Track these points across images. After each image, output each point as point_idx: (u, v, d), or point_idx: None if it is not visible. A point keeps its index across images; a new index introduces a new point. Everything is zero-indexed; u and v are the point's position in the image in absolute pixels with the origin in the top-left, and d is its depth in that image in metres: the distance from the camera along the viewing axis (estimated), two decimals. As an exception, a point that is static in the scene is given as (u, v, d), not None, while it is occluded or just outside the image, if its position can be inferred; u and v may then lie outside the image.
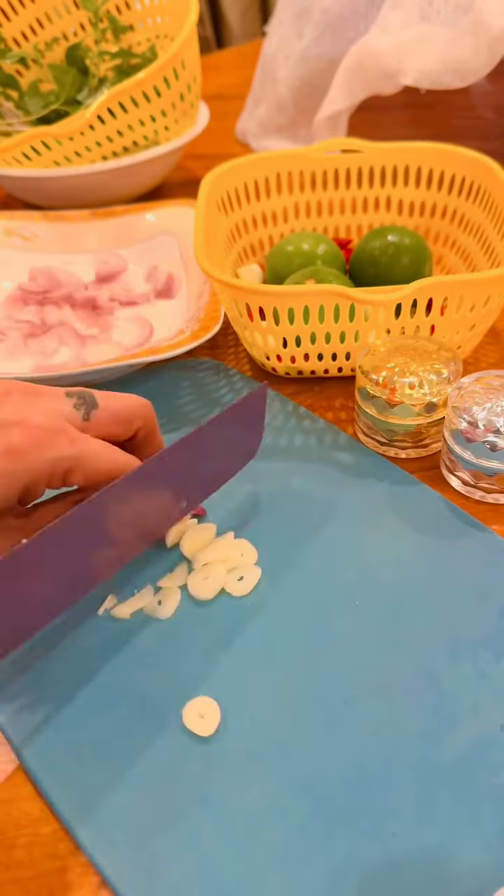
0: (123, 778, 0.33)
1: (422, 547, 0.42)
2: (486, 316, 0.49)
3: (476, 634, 0.37)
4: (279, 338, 0.49)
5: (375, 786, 0.32)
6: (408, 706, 0.35)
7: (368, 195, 0.60)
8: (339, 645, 0.37)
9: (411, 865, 0.30)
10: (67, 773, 0.33)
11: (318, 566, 0.41)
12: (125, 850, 0.30)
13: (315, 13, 0.74)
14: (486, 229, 0.55)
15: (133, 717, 0.35)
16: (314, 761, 0.33)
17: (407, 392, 0.44)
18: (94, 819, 0.31)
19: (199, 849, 0.30)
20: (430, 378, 0.44)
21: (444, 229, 0.59)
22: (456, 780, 0.32)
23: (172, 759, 0.33)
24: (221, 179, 0.56)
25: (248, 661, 0.37)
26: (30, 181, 0.68)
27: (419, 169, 0.58)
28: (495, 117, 0.90)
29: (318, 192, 0.60)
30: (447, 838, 0.30)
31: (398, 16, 0.66)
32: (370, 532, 0.42)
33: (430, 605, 0.39)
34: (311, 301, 0.46)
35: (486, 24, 0.60)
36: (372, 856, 0.30)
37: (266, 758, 0.33)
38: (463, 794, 0.32)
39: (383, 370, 0.45)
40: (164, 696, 0.35)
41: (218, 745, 0.33)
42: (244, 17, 1.80)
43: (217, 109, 0.78)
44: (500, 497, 0.44)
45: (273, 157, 0.58)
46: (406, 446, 0.47)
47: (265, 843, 0.30)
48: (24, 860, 0.31)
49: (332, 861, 0.30)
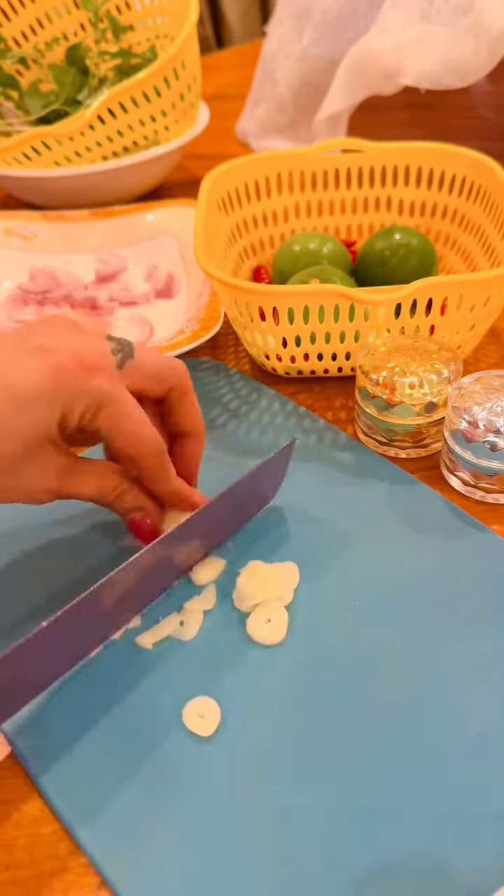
0: (123, 778, 0.32)
1: (422, 547, 0.42)
2: (486, 316, 0.49)
3: (477, 634, 0.37)
4: (279, 338, 0.49)
5: (376, 785, 0.32)
6: (408, 705, 0.34)
7: (369, 195, 0.60)
8: (338, 644, 0.37)
9: (411, 866, 0.30)
10: (67, 774, 0.33)
11: (318, 566, 0.41)
12: (125, 850, 0.30)
13: (315, 13, 0.74)
14: (486, 229, 0.55)
15: (133, 718, 0.35)
16: (315, 761, 0.33)
17: (407, 392, 0.44)
18: (93, 819, 0.31)
19: (198, 849, 0.30)
20: (430, 378, 0.44)
21: (445, 229, 0.59)
22: (456, 780, 0.32)
23: (172, 759, 0.33)
24: (222, 179, 0.56)
25: (249, 660, 0.37)
26: (30, 181, 0.68)
27: (419, 169, 0.58)
28: (495, 117, 0.90)
29: (319, 192, 0.60)
30: (447, 838, 0.30)
31: (398, 16, 0.66)
32: (370, 532, 0.42)
33: (430, 606, 0.39)
34: (310, 301, 0.46)
35: (486, 24, 0.60)
36: (372, 856, 0.30)
37: (266, 758, 0.33)
38: (463, 794, 0.31)
39: (383, 370, 0.45)
40: (164, 696, 0.35)
41: (218, 745, 0.33)
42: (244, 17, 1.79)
43: (217, 109, 0.78)
44: (500, 497, 0.44)
45: (273, 157, 0.58)
46: (406, 446, 0.47)
47: (266, 843, 0.30)
48: (24, 860, 0.31)
49: (333, 861, 0.30)
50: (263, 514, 0.44)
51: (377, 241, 0.56)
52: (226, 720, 0.34)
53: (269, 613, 0.38)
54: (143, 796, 0.32)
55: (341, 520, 0.43)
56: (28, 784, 0.33)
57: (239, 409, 0.51)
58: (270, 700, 0.35)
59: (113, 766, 0.33)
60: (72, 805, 0.32)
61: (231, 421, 0.50)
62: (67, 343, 0.34)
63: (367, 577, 0.40)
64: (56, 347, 0.34)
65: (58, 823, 0.32)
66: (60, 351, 0.33)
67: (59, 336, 0.34)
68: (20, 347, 0.34)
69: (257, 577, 0.39)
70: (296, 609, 0.39)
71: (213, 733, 0.34)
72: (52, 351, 0.33)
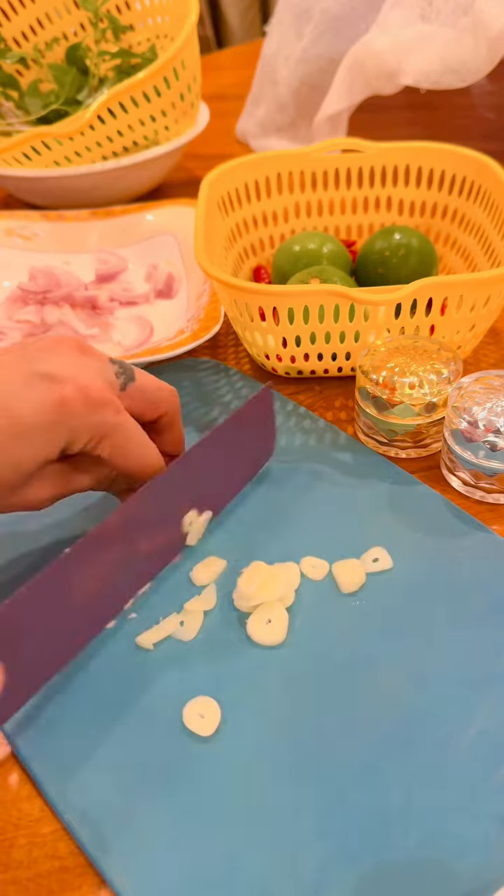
0: (123, 777, 0.32)
1: (422, 547, 0.41)
2: (487, 316, 0.49)
3: (477, 634, 0.37)
4: (279, 338, 0.49)
5: (376, 785, 0.32)
6: (408, 705, 0.34)
7: (369, 195, 0.60)
8: (339, 645, 0.37)
9: (411, 865, 0.30)
10: (67, 773, 0.33)
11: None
12: (125, 850, 0.30)
13: (315, 13, 0.74)
14: (486, 229, 0.55)
15: (133, 718, 0.35)
16: (315, 761, 0.33)
17: (407, 392, 0.44)
18: (93, 819, 0.31)
19: (198, 848, 0.30)
20: (430, 378, 0.44)
21: (445, 229, 0.59)
22: (457, 780, 0.32)
23: (172, 758, 0.33)
24: (221, 179, 0.56)
25: (250, 660, 0.37)
26: (30, 181, 0.68)
27: (419, 169, 0.58)
28: (495, 117, 0.90)
29: (319, 192, 0.60)
30: (447, 839, 0.30)
31: (398, 16, 0.66)
32: (370, 532, 0.42)
33: (430, 606, 0.39)
34: (310, 301, 0.46)
35: (485, 24, 0.60)
36: (372, 855, 0.30)
37: (266, 757, 0.33)
38: (464, 793, 0.31)
39: (383, 370, 0.45)
40: (164, 696, 0.35)
41: (218, 745, 0.33)
42: (244, 17, 1.80)
43: (217, 109, 0.78)
44: (500, 497, 0.44)
45: (273, 157, 0.58)
46: (406, 446, 0.47)
47: (266, 843, 0.30)
48: (24, 860, 0.31)
49: (333, 861, 0.30)
50: (265, 514, 0.44)
51: (377, 240, 0.56)
52: (226, 720, 0.34)
53: (270, 614, 0.38)
54: (144, 796, 0.32)
55: (342, 520, 0.43)
56: (28, 784, 0.33)
57: (232, 404, 0.51)
58: (270, 700, 0.35)
59: (113, 766, 0.33)
60: (71, 805, 0.32)
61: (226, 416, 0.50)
62: (73, 372, 0.34)
63: (367, 578, 0.40)
64: (62, 377, 0.33)
65: (58, 823, 0.32)
66: (66, 381, 0.33)
67: (65, 364, 0.34)
68: (25, 371, 0.33)
69: (259, 577, 0.39)
70: (296, 609, 0.39)
71: (213, 733, 0.34)
72: (58, 381, 0.33)
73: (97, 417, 0.34)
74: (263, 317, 0.48)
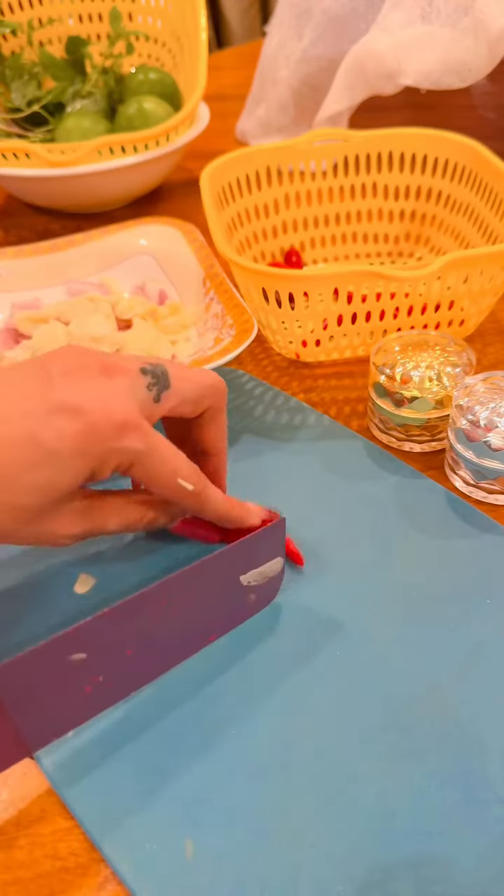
0: (123, 777, 0.32)
1: (428, 543, 0.41)
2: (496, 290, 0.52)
3: (482, 631, 0.37)
4: (307, 323, 0.51)
5: (378, 784, 0.32)
6: (412, 702, 0.34)
7: (355, 182, 0.62)
8: (344, 638, 0.37)
9: (412, 866, 0.30)
10: (66, 773, 0.33)
11: (324, 562, 0.41)
12: (125, 851, 0.30)
13: (315, 13, 0.74)
14: (476, 208, 0.57)
15: (138, 718, 0.35)
16: (316, 761, 0.33)
17: (426, 385, 0.45)
18: (93, 819, 0.31)
19: (199, 848, 0.30)
20: (445, 371, 0.45)
21: (431, 210, 0.62)
22: (459, 780, 0.32)
23: (173, 757, 0.33)
24: (216, 175, 0.57)
25: (252, 658, 0.37)
26: (30, 181, 0.68)
27: (402, 154, 0.61)
28: (495, 117, 0.90)
29: (307, 183, 0.62)
30: (448, 838, 0.30)
31: (398, 16, 0.66)
32: (377, 528, 0.42)
33: (436, 603, 0.38)
34: (340, 283, 0.48)
35: (486, 24, 0.60)
36: (373, 855, 0.30)
37: (268, 758, 0.33)
38: (465, 793, 0.31)
39: (397, 364, 0.46)
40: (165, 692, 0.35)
41: (220, 745, 0.33)
42: (244, 17, 1.79)
43: (217, 109, 0.78)
44: (500, 498, 0.44)
45: (263, 151, 0.60)
46: (423, 440, 0.47)
47: (269, 843, 0.30)
48: (25, 860, 0.31)
49: (335, 861, 0.30)
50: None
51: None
52: (227, 721, 0.34)
53: None
54: (145, 796, 0.32)
55: (348, 516, 0.43)
56: (28, 784, 0.33)
57: (244, 405, 0.51)
58: (272, 700, 0.35)
59: (114, 766, 0.33)
60: (71, 802, 0.32)
61: (236, 418, 0.50)
62: (97, 399, 0.32)
63: (373, 574, 0.40)
64: (85, 407, 0.32)
65: (58, 823, 0.32)
66: (92, 408, 0.32)
67: (88, 390, 0.32)
68: (48, 401, 0.32)
69: None
70: (300, 606, 0.39)
71: (217, 735, 0.34)
72: (82, 412, 0.32)
73: (123, 444, 0.32)
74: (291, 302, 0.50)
